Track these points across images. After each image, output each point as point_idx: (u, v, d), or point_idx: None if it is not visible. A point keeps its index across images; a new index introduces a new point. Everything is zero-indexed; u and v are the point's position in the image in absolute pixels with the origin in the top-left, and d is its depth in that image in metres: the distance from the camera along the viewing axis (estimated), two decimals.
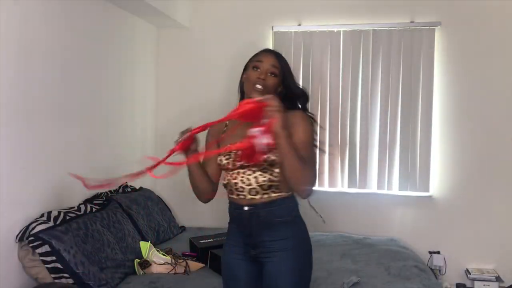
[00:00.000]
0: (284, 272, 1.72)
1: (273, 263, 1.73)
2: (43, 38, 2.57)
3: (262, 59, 1.80)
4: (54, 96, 2.68)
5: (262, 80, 1.76)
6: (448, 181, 3.69)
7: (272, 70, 1.78)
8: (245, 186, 1.74)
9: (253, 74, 1.78)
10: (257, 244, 1.76)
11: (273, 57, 1.81)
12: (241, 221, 1.79)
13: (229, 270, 1.86)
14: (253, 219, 1.75)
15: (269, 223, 1.74)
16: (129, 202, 3.19)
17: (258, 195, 1.74)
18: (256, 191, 1.73)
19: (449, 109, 3.68)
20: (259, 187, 1.73)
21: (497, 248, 3.61)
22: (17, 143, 2.38)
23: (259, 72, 1.78)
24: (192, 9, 4.02)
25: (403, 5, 3.71)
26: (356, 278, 2.61)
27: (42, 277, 2.35)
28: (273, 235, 1.74)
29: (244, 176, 1.74)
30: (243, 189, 1.75)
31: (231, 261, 1.84)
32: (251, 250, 1.78)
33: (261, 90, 1.75)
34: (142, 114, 3.89)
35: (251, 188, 1.73)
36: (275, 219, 1.74)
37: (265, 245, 1.75)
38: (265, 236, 1.75)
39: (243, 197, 1.76)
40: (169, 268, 2.74)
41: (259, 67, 1.79)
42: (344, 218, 3.81)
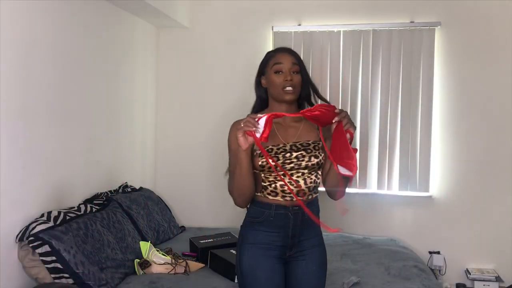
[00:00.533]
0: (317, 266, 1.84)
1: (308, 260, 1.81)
2: (42, 38, 2.57)
3: (281, 60, 1.80)
4: (54, 96, 2.68)
5: (290, 81, 1.77)
6: (448, 181, 3.69)
7: (294, 68, 1.80)
8: (293, 188, 1.75)
9: (277, 79, 1.79)
10: (295, 244, 1.79)
11: (290, 55, 1.83)
12: (283, 222, 1.76)
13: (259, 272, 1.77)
14: (297, 219, 1.77)
15: (307, 223, 1.79)
16: (129, 202, 3.19)
17: (305, 196, 1.77)
18: (304, 192, 1.76)
19: (449, 109, 3.68)
20: (307, 189, 1.77)
21: (497, 248, 3.61)
22: (17, 143, 2.38)
23: (284, 74, 1.78)
24: (192, 9, 4.02)
25: (403, 5, 3.71)
26: (356, 278, 2.61)
27: (42, 277, 2.35)
28: (309, 234, 1.82)
29: (293, 178, 1.75)
30: (290, 190, 1.75)
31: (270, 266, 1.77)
32: (287, 251, 1.79)
33: (292, 91, 1.77)
34: (142, 114, 3.89)
35: (299, 190, 1.75)
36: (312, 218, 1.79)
37: (301, 244, 1.80)
38: (303, 235, 1.80)
39: (290, 198, 1.76)
40: (169, 268, 2.74)
41: (281, 70, 1.79)
42: (344, 218, 3.80)
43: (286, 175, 1.72)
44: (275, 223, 1.77)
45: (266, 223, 1.78)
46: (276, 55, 1.83)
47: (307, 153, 1.75)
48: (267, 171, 1.74)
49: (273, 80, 1.79)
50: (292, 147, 1.75)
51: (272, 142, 1.75)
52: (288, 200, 1.76)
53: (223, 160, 4.26)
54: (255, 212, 1.81)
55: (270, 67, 1.81)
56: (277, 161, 1.73)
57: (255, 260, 1.78)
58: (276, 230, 1.77)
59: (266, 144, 1.73)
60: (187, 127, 4.09)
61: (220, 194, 4.01)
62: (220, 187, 4.00)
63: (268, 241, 1.78)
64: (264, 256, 1.78)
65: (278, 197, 1.76)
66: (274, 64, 1.80)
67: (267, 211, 1.77)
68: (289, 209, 1.76)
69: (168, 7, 3.60)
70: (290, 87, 1.77)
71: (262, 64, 1.87)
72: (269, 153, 1.73)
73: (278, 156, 1.74)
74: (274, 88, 1.79)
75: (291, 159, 1.74)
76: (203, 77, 4.05)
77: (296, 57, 1.84)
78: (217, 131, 4.01)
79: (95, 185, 3.13)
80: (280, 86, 1.77)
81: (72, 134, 2.87)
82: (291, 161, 1.74)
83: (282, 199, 1.76)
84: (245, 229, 1.84)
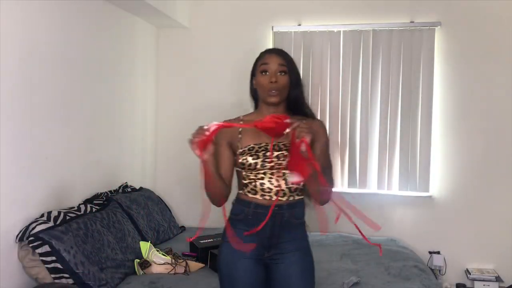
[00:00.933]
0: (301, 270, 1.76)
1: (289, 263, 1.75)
2: (43, 38, 2.57)
3: (268, 61, 1.78)
4: (54, 96, 2.68)
5: (275, 82, 1.75)
6: (448, 181, 3.69)
7: (280, 69, 1.77)
8: (273, 187, 1.73)
9: (263, 79, 1.77)
10: (274, 245, 1.75)
11: (277, 56, 1.79)
12: (261, 222, 1.72)
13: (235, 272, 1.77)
14: (276, 220, 1.74)
15: (289, 224, 1.76)
16: (129, 202, 3.19)
17: (285, 197, 1.75)
18: (284, 192, 1.74)
19: (449, 109, 3.68)
20: (287, 189, 1.74)
21: (497, 248, 3.61)
22: (17, 143, 2.38)
23: (269, 75, 1.76)
24: (192, 9, 4.02)
25: (403, 5, 3.71)
26: (356, 278, 2.61)
27: (42, 277, 2.35)
28: (291, 236, 1.77)
29: (273, 178, 1.73)
30: (270, 190, 1.74)
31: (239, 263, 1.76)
32: (265, 252, 1.76)
33: (276, 94, 1.75)
34: (142, 114, 3.89)
35: (279, 190, 1.73)
36: (295, 220, 1.77)
37: (281, 246, 1.75)
38: (283, 237, 1.76)
39: (269, 197, 1.74)
40: (169, 268, 2.74)
41: (267, 70, 1.77)
42: (344, 218, 3.79)
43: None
44: (252, 222, 1.74)
45: (244, 221, 1.76)
46: (264, 56, 1.82)
47: (289, 153, 1.72)
48: (248, 169, 1.75)
49: (259, 80, 1.79)
50: (274, 147, 1.74)
51: (255, 140, 1.76)
52: (268, 199, 1.74)
53: None
54: (235, 209, 1.81)
55: (258, 68, 1.81)
56: (257, 159, 1.73)
57: (232, 258, 1.77)
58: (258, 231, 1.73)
59: (248, 142, 1.76)
60: (187, 126, 4.05)
61: None
62: None
63: (245, 240, 1.74)
64: (240, 256, 1.75)
65: (257, 196, 1.75)
66: (261, 65, 1.79)
67: (246, 209, 1.76)
68: (266, 208, 1.72)
69: (168, 7, 3.60)
70: (274, 89, 1.75)
71: (253, 65, 1.86)
72: (250, 151, 1.74)
73: (258, 154, 1.73)
74: (260, 89, 1.79)
75: (272, 158, 1.73)
76: (203, 77, 4.05)
77: (284, 58, 1.80)
78: None
79: (95, 185, 3.13)
80: (266, 88, 1.76)
81: (72, 134, 2.87)
82: (271, 160, 1.73)
83: (261, 197, 1.74)
84: (226, 226, 1.83)
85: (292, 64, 1.81)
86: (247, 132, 1.79)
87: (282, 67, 1.77)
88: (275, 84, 1.74)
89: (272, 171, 1.73)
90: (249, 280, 1.76)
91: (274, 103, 1.77)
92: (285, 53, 1.83)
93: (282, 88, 1.76)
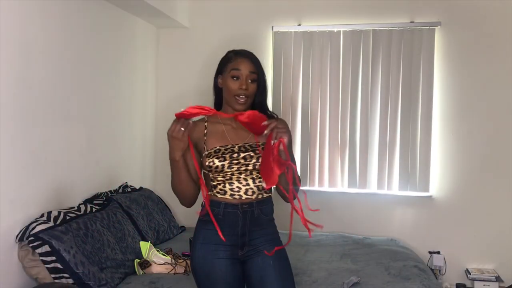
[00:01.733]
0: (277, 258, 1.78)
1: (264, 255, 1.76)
2: (43, 38, 2.57)
3: (240, 66, 1.77)
4: (54, 96, 2.68)
5: (245, 90, 1.75)
6: (448, 181, 3.69)
7: (251, 77, 1.77)
8: (242, 186, 1.75)
9: (233, 85, 1.76)
10: (246, 243, 1.77)
11: (250, 63, 1.78)
12: (234, 220, 1.76)
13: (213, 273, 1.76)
14: (246, 218, 1.76)
15: (259, 222, 1.79)
16: (129, 202, 3.19)
17: (254, 195, 1.77)
18: (253, 191, 1.76)
19: (449, 109, 3.68)
20: (256, 188, 1.76)
21: (497, 248, 3.61)
22: (17, 143, 2.38)
23: (240, 82, 1.76)
24: (192, 9, 4.02)
25: (403, 5, 3.71)
26: (356, 278, 2.61)
27: (42, 277, 2.35)
28: (262, 233, 1.80)
29: (241, 177, 1.75)
30: (239, 189, 1.75)
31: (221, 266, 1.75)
32: (238, 251, 1.77)
33: (244, 102, 1.76)
34: (142, 113, 3.89)
35: (248, 189, 1.75)
36: (264, 217, 1.80)
37: (253, 243, 1.78)
38: (255, 234, 1.78)
39: (239, 197, 1.75)
40: (169, 268, 2.74)
41: (238, 76, 1.76)
42: (344, 218, 3.81)
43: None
44: (224, 221, 1.75)
45: (218, 221, 1.75)
46: (236, 59, 1.80)
47: (255, 154, 1.75)
48: (215, 171, 1.75)
49: (228, 84, 1.78)
50: (241, 148, 1.76)
51: (220, 142, 1.78)
52: (237, 198, 1.76)
53: None
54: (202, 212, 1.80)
55: (228, 70, 1.79)
56: (224, 161, 1.74)
57: (205, 259, 1.78)
58: (226, 229, 1.75)
59: (214, 144, 1.77)
60: None
61: None
62: None
63: (217, 241, 1.75)
64: (214, 256, 1.76)
65: (227, 196, 1.76)
66: (232, 69, 1.78)
67: (216, 209, 1.77)
68: (238, 207, 1.76)
69: (168, 7, 3.60)
70: (243, 96, 1.75)
71: (221, 63, 1.85)
72: (216, 154, 1.75)
73: (225, 156, 1.74)
74: (228, 93, 1.78)
75: (238, 159, 1.74)
76: (203, 77, 4.04)
77: (255, 65, 1.79)
78: None
79: (95, 185, 3.13)
80: (234, 93, 1.76)
81: (72, 134, 2.87)
82: (238, 161, 1.74)
83: (231, 197, 1.76)
84: (197, 228, 1.84)
85: (261, 69, 1.82)
86: (212, 134, 1.80)
87: (252, 75, 1.77)
88: (244, 91, 1.75)
89: (240, 172, 1.74)
90: (228, 279, 1.77)
91: (241, 109, 1.76)
92: (256, 59, 1.82)
93: (250, 95, 1.78)
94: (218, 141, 1.78)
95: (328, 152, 3.80)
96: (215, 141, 1.79)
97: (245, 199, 1.76)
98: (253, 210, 1.77)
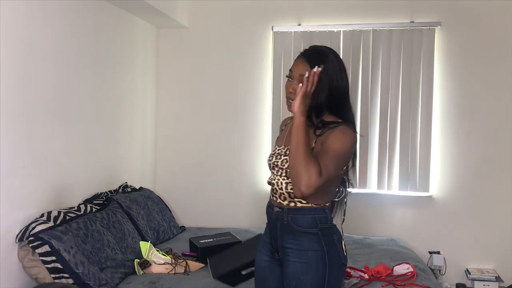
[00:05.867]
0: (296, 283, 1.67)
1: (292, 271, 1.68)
2: (43, 38, 2.57)
3: (293, 67, 1.71)
4: (54, 96, 2.68)
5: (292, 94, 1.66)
6: (448, 182, 3.69)
7: (301, 79, 1.58)
8: (278, 189, 1.75)
9: (286, 86, 1.73)
10: (279, 248, 1.75)
11: (302, 63, 1.65)
12: (270, 221, 1.80)
13: (258, 269, 1.86)
14: (278, 222, 1.75)
15: (291, 231, 1.70)
16: (129, 202, 3.19)
17: (286, 201, 1.73)
18: (284, 196, 1.73)
19: (449, 109, 3.68)
20: (287, 194, 1.72)
21: (497, 248, 3.61)
22: (17, 142, 2.38)
23: (290, 83, 1.70)
24: (192, 9, 4.02)
25: (403, 5, 3.71)
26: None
27: (42, 277, 2.35)
28: (295, 244, 1.69)
29: (279, 180, 1.74)
30: (276, 191, 1.76)
31: (261, 261, 1.84)
32: (276, 253, 1.78)
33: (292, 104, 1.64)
34: (142, 113, 3.89)
35: (281, 193, 1.74)
36: (297, 227, 1.69)
37: (285, 251, 1.72)
38: (284, 241, 1.72)
39: (275, 199, 1.77)
40: (169, 268, 2.74)
41: (291, 77, 1.71)
42: (343, 218, 3.80)
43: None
44: (267, 219, 1.82)
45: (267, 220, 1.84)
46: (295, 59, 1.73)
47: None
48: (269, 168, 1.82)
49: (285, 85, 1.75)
50: (286, 152, 1.74)
51: (279, 143, 1.84)
52: (274, 200, 1.77)
53: (223, 160, 4.29)
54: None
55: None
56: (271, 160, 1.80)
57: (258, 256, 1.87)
58: (268, 228, 1.82)
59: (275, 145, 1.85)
60: (187, 127, 4.09)
61: (220, 194, 4.02)
62: (220, 187, 4.01)
63: (264, 236, 1.85)
64: (259, 251, 1.86)
65: (271, 195, 1.81)
66: (289, 70, 1.74)
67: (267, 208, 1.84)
68: (273, 208, 1.77)
69: (168, 7, 3.60)
70: (291, 99, 1.68)
71: None
72: (273, 153, 1.81)
73: (273, 156, 1.80)
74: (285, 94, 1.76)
75: (278, 161, 1.75)
76: (203, 77, 4.05)
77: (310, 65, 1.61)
78: (217, 131, 4.02)
79: (95, 185, 3.13)
80: (286, 95, 1.73)
81: (72, 134, 2.87)
82: (277, 163, 1.76)
83: (272, 197, 1.79)
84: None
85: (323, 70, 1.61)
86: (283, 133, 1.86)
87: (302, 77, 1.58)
88: (292, 94, 1.68)
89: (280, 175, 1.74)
90: (264, 276, 1.82)
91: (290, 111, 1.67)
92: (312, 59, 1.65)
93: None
94: (279, 141, 1.85)
95: None
96: (279, 141, 1.86)
97: (279, 203, 1.75)
98: (283, 216, 1.72)
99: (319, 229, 1.68)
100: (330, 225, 1.72)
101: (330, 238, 1.69)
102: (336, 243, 1.70)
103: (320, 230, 1.68)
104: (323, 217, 1.70)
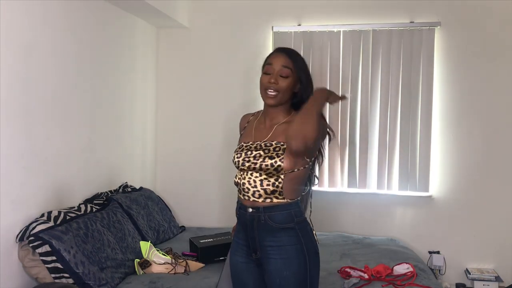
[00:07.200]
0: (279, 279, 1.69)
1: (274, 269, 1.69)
2: (43, 38, 2.57)
3: (272, 61, 1.75)
4: (54, 96, 2.68)
5: (274, 84, 1.71)
6: (448, 181, 3.69)
7: (284, 72, 1.71)
8: (250, 187, 1.72)
9: (264, 79, 1.75)
10: (257, 248, 1.73)
11: (283, 57, 1.74)
12: (245, 222, 1.76)
13: (235, 273, 1.83)
14: (254, 222, 1.72)
15: (269, 228, 1.71)
16: (129, 202, 3.20)
17: (261, 198, 1.71)
18: (259, 194, 1.71)
19: (449, 109, 3.68)
20: (263, 191, 1.70)
21: (497, 248, 3.61)
22: (17, 143, 2.38)
23: (270, 76, 1.73)
24: (192, 9, 4.02)
25: (403, 5, 3.71)
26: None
27: (42, 277, 2.35)
28: (274, 241, 1.70)
29: (251, 178, 1.72)
30: (248, 190, 1.73)
31: (237, 264, 1.81)
32: (253, 253, 1.76)
33: (273, 96, 1.72)
34: (142, 113, 3.89)
35: (255, 191, 1.71)
36: (275, 224, 1.70)
37: (265, 250, 1.72)
38: (266, 241, 1.71)
39: (248, 198, 1.73)
40: (169, 268, 2.74)
41: (270, 71, 1.74)
42: (344, 218, 3.81)
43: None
44: (240, 222, 1.80)
45: (239, 220, 1.82)
46: (271, 54, 1.79)
47: (264, 153, 1.69)
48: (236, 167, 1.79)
49: (260, 79, 1.77)
50: (257, 146, 1.73)
51: (245, 139, 1.81)
52: (246, 199, 1.74)
53: (223, 160, 4.28)
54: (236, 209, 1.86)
55: (264, 67, 1.79)
56: (239, 157, 1.76)
57: (230, 254, 1.85)
58: (241, 229, 1.79)
59: (241, 141, 1.82)
60: (187, 127, 4.09)
61: (220, 194, 4.02)
62: (220, 187, 4.01)
63: (237, 239, 1.82)
64: (233, 254, 1.83)
65: (241, 195, 1.78)
66: (266, 64, 1.78)
67: (237, 208, 1.82)
68: (247, 208, 1.74)
69: (168, 7, 3.60)
70: (272, 90, 1.71)
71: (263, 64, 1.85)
72: (239, 149, 1.79)
73: (241, 153, 1.76)
74: (260, 88, 1.77)
75: (250, 157, 1.72)
76: (203, 77, 4.05)
77: (291, 59, 1.74)
78: (217, 131, 4.02)
79: (95, 185, 3.13)
80: (264, 87, 1.74)
81: (72, 134, 2.87)
82: (249, 159, 1.72)
83: (243, 197, 1.76)
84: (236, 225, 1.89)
85: (299, 65, 1.75)
86: (247, 130, 1.83)
87: (285, 70, 1.72)
88: (273, 85, 1.71)
89: (251, 171, 1.72)
90: (242, 278, 1.80)
91: (271, 105, 1.75)
92: (292, 54, 1.77)
93: (281, 90, 1.72)
94: (244, 138, 1.81)
95: (328, 152, 3.80)
96: (244, 137, 1.83)
97: (252, 201, 1.72)
98: (259, 215, 1.70)
99: (295, 223, 1.71)
100: (303, 218, 1.77)
101: (305, 230, 1.74)
102: (309, 233, 1.75)
103: (297, 223, 1.72)
104: (297, 211, 1.74)
